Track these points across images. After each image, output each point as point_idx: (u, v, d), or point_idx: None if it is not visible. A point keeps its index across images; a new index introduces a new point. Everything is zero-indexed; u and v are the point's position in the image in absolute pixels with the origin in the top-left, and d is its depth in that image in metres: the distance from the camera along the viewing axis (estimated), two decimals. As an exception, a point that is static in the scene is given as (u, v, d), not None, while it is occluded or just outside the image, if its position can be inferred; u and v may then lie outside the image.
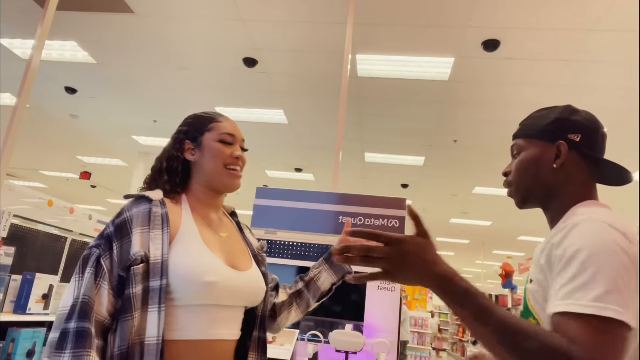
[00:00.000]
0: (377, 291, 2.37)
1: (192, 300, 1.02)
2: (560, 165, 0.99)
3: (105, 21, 4.49)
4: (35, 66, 2.83)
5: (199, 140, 1.18)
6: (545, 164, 1.00)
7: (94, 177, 10.29)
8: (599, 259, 0.76)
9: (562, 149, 0.99)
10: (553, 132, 1.01)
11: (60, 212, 3.53)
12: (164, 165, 1.17)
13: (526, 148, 1.04)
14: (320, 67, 4.96)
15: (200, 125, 1.20)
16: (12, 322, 2.62)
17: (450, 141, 6.69)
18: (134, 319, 0.96)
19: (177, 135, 1.21)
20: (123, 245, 1.01)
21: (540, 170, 1.01)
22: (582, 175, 1.00)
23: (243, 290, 1.11)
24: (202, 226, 1.12)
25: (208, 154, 1.16)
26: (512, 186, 1.08)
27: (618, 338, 0.71)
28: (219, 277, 1.03)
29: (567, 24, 3.85)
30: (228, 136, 1.19)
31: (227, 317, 1.09)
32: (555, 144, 1.00)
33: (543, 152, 1.01)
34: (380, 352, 2.22)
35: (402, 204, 2.56)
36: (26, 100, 2.78)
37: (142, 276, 0.98)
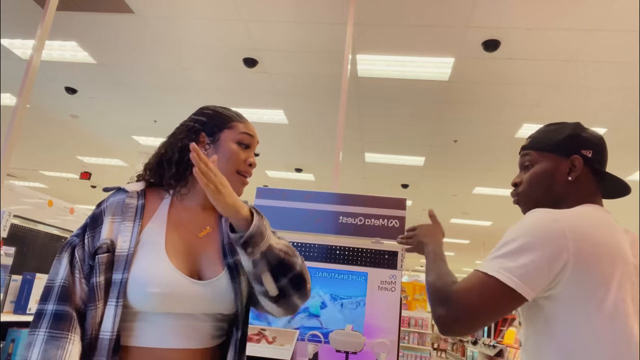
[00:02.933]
0: (377, 291, 2.37)
1: (140, 307, 0.96)
2: (575, 178, 1.06)
3: (105, 21, 4.49)
4: (35, 66, 2.83)
5: (217, 136, 1.10)
6: (560, 176, 1.07)
7: (94, 177, 10.29)
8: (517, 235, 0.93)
9: (577, 163, 1.06)
10: (567, 146, 1.08)
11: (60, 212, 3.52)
12: (176, 157, 1.08)
13: (539, 161, 1.10)
14: (320, 67, 4.96)
15: (221, 120, 1.12)
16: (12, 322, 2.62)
17: (450, 141, 6.69)
18: (97, 308, 0.94)
19: (192, 125, 1.11)
20: (95, 235, 1.00)
21: (555, 183, 1.08)
22: (590, 188, 1.08)
23: (201, 300, 1.00)
24: (175, 226, 1.05)
25: (223, 154, 1.09)
26: (521, 197, 1.13)
27: (490, 291, 0.89)
28: (165, 288, 0.95)
29: (567, 24, 3.85)
30: (247, 136, 1.12)
31: (188, 326, 1.00)
32: (570, 158, 1.07)
33: (557, 165, 1.08)
34: (380, 352, 2.22)
35: (402, 204, 2.56)
36: (26, 100, 2.78)
37: (105, 266, 0.96)
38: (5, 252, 2.76)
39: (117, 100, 6.38)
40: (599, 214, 1.01)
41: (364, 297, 2.37)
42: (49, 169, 10.70)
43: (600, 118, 5.43)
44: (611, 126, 5.58)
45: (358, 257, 2.44)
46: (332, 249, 2.46)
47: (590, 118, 5.46)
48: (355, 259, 2.43)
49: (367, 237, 2.49)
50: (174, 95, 6.02)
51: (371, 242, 2.47)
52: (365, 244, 2.46)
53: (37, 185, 12.00)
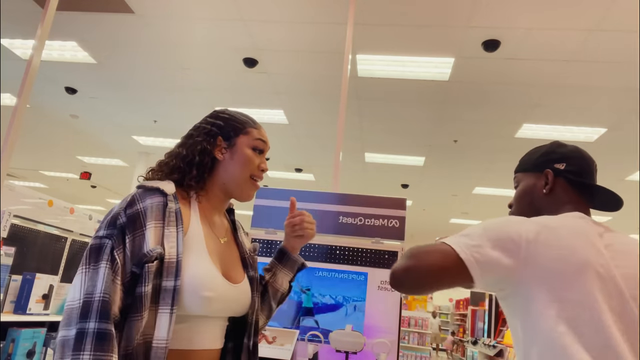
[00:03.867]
0: (377, 291, 2.37)
1: (193, 311, 0.98)
2: (549, 190, 1.13)
3: (105, 21, 4.49)
4: (35, 66, 2.83)
5: (233, 140, 1.13)
6: (537, 191, 1.16)
7: (94, 177, 10.29)
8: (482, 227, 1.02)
9: (549, 176, 1.14)
10: (541, 163, 1.17)
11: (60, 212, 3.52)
12: (197, 159, 1.09)
13: (522, 180, 1.21)
14: (320, 67, 4.96)
15: (237, 125, 1.14)
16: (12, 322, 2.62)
17: (450, 141, 6.69)
18: (142, 319, 0.90)
19: (209, 128, 1.13)
20: (135, 238, 0.94)
21: (534, 197, 1.16)
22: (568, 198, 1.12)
23: (233, 303, 1.07)
24: (207, 231, 1.08)
25: (238, 158, 1.12)
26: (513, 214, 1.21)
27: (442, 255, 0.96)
28: (215, 292, 0.99)
29: (567, 24, 3.85)
30: (261, 143, 1.16)
31: (212, 328, 1.05)
32: (543, 172, 1.15)
33: (535, 181, 1.17)
34: (380, 352, 2.22)
35: (402, 204, 2.56)
36: (26, 100, 2.78)
37: (154, 274, 0.92)
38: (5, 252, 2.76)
39: (117, 100, 6.38)
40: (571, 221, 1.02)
41: (364, 297, 2.37)
42: (49, 169, 10.70)
43: (600, 118, 5.43)
44: (611, 126, 5.58)
45: (358, 257, 2.44)
46: (332, 249, 2.46)
47: (590, 118, 5.47)
48: (355, 259, 2.44)
49: (367, 237, 2.49)
50: (174, 95, 6.02)
51: (371, 242, 2.47)
52: (365, 244, 2.46)
53: (37, 185, 12.00)
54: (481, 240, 0.97)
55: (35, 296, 2.80)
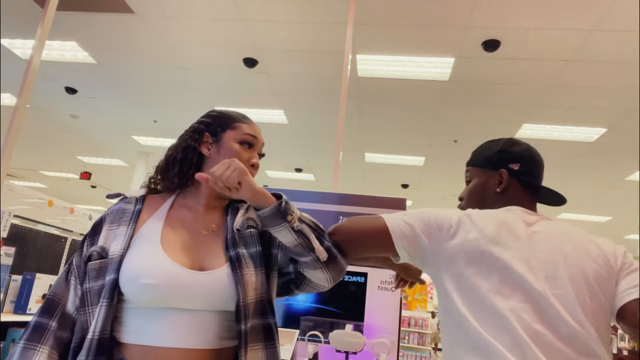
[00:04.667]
0: (377, 291, 2.37)
1: (138, 302, 0.96)
2: (502, 190, 1.15)
3: (105, 21, 4.49)
4: (35, 66, 2.83)
5: (219, 135, 1.12)
6: (490, 189, 1.17)
7: (94, 177, 10.29)
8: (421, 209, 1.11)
9: (504, 176, 1.15)
10: (495, 161, 1.18)
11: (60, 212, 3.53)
12: (179, 156, 1.11)
13: (475, 176, 1.22)
14: (320, 67, 4.96)
15: (224, 121, 1.14)
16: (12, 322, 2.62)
17: (450, 141, 6.69)
18: (87, 313, 0.97)
19: (197, 125, 1.15)
20: (93, 242, 1.03)
21: (486, 195, 1.17)
22: (521, 198, 1.15)
23: (203, 292, 0.97)
24: (175, 224, 1.05)
25: (225, 153, 1.10)
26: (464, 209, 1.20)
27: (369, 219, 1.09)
28: (160, 279, 0.94)
29: (567, 24, 3.85)
30: (250, 137, 1.14)
31: (191, 323, 0.96)
32: (498, 171, 1.16)
33: (487, 179, 1.18)
34: (380, 352, 2.22)
35: (402, 204, 2.56)
36: (26, 100, 2.78)
37: (97, 272, 0.98)
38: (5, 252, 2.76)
39: (117, 100, 6.38)
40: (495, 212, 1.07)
41: (364, 297, 2.37)
42: (49, 169, 10.70)
43: (600, 118, 5.43)
44: (611, 126, 5.58)
45: (358, 257, 2.43)
46: (332, 249, 2.45)
47: (590, 118, 5.47)
48: (355, 259, 2.43)
49: (367, 237, 2.49)
50: (174, 95, 6.02)
51: (371, 242, 2.46)
52: (365, 244, 2.45)
53: (37, 185, 12.00)
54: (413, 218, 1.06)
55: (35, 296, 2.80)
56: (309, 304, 2.38)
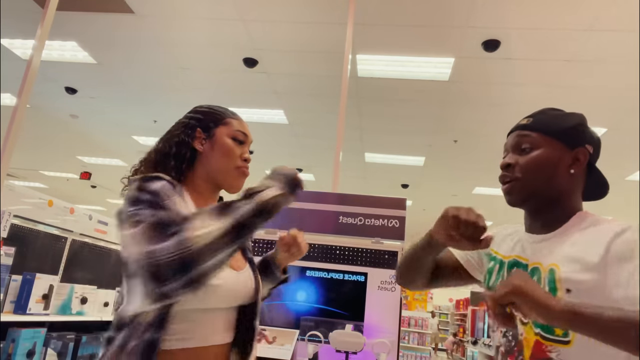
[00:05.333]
0: (377, 291, 2.37)
1: (191, 304, 0.94)
2: (576, 172, 1.00)
3: (105, 21, 4.49)
4: (35, 66, 2.83)
5: (212, 131, 1.13)
6: (562, 167, 0.99)
7: (94, 177, 10.29)
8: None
9: (582, 157, 0.99)
10: (574, 137, 1.00)
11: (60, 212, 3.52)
12: (173, 150, 1.11)
13: (543, 146, 1.00)
14: (320, 67, 4.96)
15: (215, 117, 1.16)
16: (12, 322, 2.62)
17: (450, 141, 6.69)
18: None
19: (187, 121, 1.15)
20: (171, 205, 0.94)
21: (556, 174, 0.99)
22: (582, 185, 1.03)
23: (241, 290, 1.06)
24: None
25: (219, 149, 1.12)
26: (517, 182, 1.02)
27: None
28: (223, 279, 0.97)
29: (567, 24, 3.85)
30: (241, 134, 1.16)
31: (224, 320, 1.04)
32: (575, 149, 1.00)
33: (562, 155, 0.99)
34: (380, 352, 2.22)
35: (402, 204, 2.56)
36: (26, 100, 2.78)
37: None
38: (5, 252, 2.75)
39: (117, 100, 6.38)
40: None
41: (364, 297, 2.37)
42: (49, 169, 10.70)
43: (600, 118, 5.43)
44: (611, 126, 5.58)
45: (358, 257, 2.44)
46: (331, 249, 2.46)
47: (590, 118, 5.40)
48: (355, 259, 2.43)
49: (367, 237, 2.49)
50: (174, 95, 6.01)
51: (371, 242, 2.47)
52: (365, 244, 2.45)
53: (37, 185, 11.99)
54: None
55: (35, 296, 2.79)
56: (309, 304, 2.38)
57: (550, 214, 1.01)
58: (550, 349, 0.89)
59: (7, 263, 2.77)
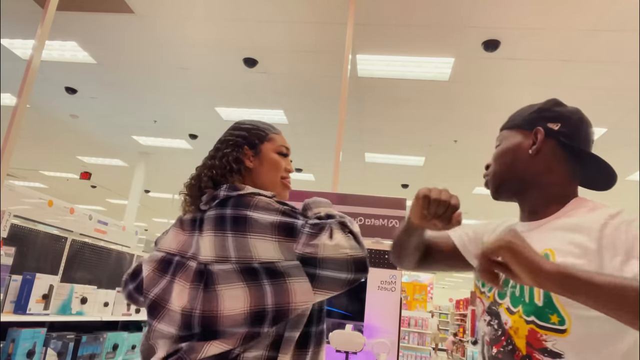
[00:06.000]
0: (377, 291, 2.37)
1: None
2: (536, 151, 0.98)
3: (105, 21, 4.49)
4: (35, 66, 2.83)
5: (258, 148, 1.18)
6: (522, 151, 1.00)
7: (94, 177, 10.29)
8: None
9: (539, 135, 0.99)
10: (533, 120, 1.02)
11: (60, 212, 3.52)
12: (234, 167, 1.13)
13: (507, 138, 1.05)
14: (320, 67, 4.96)
15: (259, 134, 1.20)
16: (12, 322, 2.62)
17: (450, 141, 6.69)
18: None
19: (235, 139, 1.18)
20: None
21: (517, 158, 1.01)
22: (561, 167, 0.98)
23: None
24: None
25: (267, 164, 1.18)
26: (489, 176, 1.07)
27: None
28: None
29: (567, 24, 3.85)
30: (285, 148, 1.22)
31: None
32: (532, 131, 1.00)
33: (522, 140, 1.01)
34: (380, 352, 2.22)
35: (402, 204, 2.56)
36: (26, 100, 2.78)
37: None
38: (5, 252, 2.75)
39: (117, 100, 6.38)
40: None
41: (364, 297, 2.37)
42: (49, 169, 10.70)
43: (600, 118, 5.43)
44: (611, 126, 5.58)
45: (358, 257, 2.43)
46: (332, 249, 2.45)
47: (590, 118, 5.44)
48: (355, 259, 2.43)
49: (367, 237, 2.49)
50: (174, 95, 6.01)
51: (371, 242, 2.47)
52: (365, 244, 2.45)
53: (37, 185, 12.00)
54: None
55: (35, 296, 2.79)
56: (309, 304, 2.38)
57: (530, 200, 1.01)
58: (545, 338, 0.86)
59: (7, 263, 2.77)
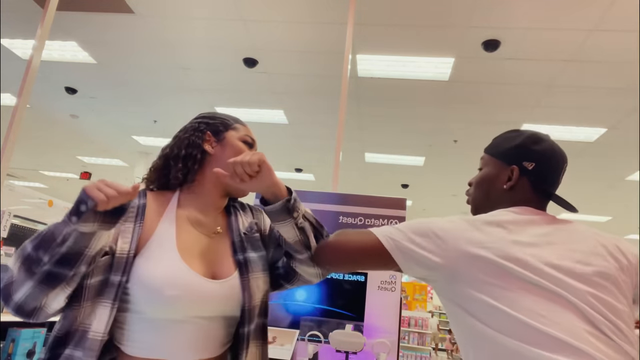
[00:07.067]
0: (377, 291, 2.37)
1: (153, 313, 0.93)
2: (510, 187, 1.09)
3: (105, 21, 4.49)
4: (35, 66, 2.83)
5: (222, 135, 1.13)
6: (498, 184, 1.11)
7: (94, 177, 10.29)
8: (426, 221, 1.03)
9: (514, 173, 1.09)
10: (511, 156, 1.11)
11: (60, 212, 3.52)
12: (183, 152, 1.09)
13: (487, 165, 1.16)
14: (320, 67, 4.96)
15: (224, 122, 1.16)
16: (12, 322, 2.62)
17: (450, 141, 6.69)
18: (81, 308, 0.91)
19: (197, 125, 1.14)
20: None
21: (492, 189, 1.12)
22: (530, 201, 1.07)
23: (216, 302, 0.99)
24: (185, 227, 1.04)
25: (230, 150, 1.11)
26: (469, 197, 1.19)
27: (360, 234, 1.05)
28: (182, 290, 0.93)
29: (567, 24, 3.85)
30: (250, 139, 1.16)
31: (204, 333, 0.98)
32: (510, 167, 1.10)
33: (499, 172, 1.12)
34: (380, 352, 2.22)
35: (402, 204, 2.56)
36: (26, 100, 2.78)
37: (102, 268, 0.93)
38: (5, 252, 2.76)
39: (117, 100, 6.38)
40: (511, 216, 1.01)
41: (364, 297, 2.37)
42: (49, 169, 10.70)
43: (600, 118, 5.43)
44: (611, 126, 5.58)
45: (358, 257, 2.43)
46: (332, 249, 2.45)
47: (590, 118, 5.47)
48: (355, 259, 2.43)
49: (367, 237, 2.49)
50: (174, 95, 6.01)
51: (371, 242, 2.46)
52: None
53: (37, 185, 12.00)
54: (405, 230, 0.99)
55: (35, 296, 2.79)
56: (309, 304, 2.38)
57: None
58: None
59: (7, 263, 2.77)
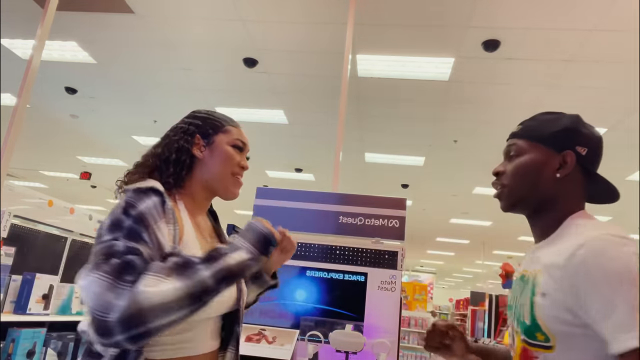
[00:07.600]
0: (377, 291, 2.37)
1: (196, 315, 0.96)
2: (564, 175, 0.96)
3: (105, 21, 4.49)
4: (35, 66, 2.83)
5: (211, 138, 1.12)
6: (548, 172, 0.97)
7: (94, 177, 10.29)
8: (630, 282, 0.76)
9: (569, 160, 0.96)
10: (561, 140, 0.98)
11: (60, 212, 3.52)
12: (172, 156, 1.09)
13: (528, 151, 1.00)
14: (320, 67, 4.96)
15: (214, 124, 1.14)
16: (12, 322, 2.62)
17: (450, 141, 6.69)
18: None
19: (186, 127, 1.13)
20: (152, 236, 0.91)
21: (541, 178, 0.97)
22: (578, 189, 0.99)
23: (227, 300, 1.05)
24: (196, 231, 1.08)
25: (218, 156, 1.11)
26: (505, 188, 1.03)
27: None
28: None
29: (567, 24, 3.85)
30: (240, 142, 1.15)
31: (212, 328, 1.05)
32: (562, 153, 0.97)
33: (547, 159, 0.98)
34: (380, 352, 2.22)
35: (402, 204, 2.56)
36: (26, 100, 2.78)
37: None
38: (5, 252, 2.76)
39: (117, 100, 6.38)
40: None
41: (364, 297, 2.37)
42: (49, 169, 10.70)
43: (600, 118, 5.43)
44: (611, 126, 5.58)
45: (358, 257, 2.44)
46: (331, 249, 2.46)
47: (591, 118, 5.43)
48: (355, 259, 2.43)
49: (367, 237, 2.49)
50: (174, 95, 6.01)
51: (371, 242, 2.47)
52: (365, 244, 2.45)
53: (37, 185, 12.00)
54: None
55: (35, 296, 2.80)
56: (309, 304, 2.38)
57: (543, 221, 1.00)
58: (536, 355, 0.90)
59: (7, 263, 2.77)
